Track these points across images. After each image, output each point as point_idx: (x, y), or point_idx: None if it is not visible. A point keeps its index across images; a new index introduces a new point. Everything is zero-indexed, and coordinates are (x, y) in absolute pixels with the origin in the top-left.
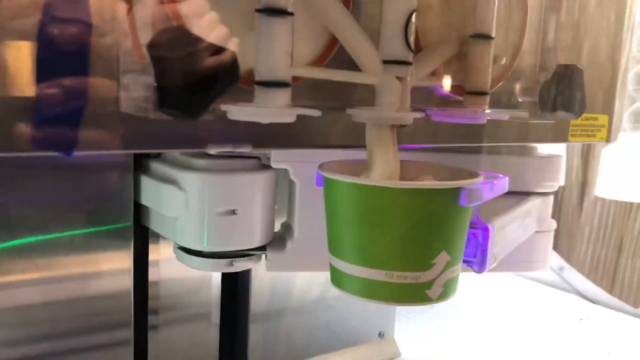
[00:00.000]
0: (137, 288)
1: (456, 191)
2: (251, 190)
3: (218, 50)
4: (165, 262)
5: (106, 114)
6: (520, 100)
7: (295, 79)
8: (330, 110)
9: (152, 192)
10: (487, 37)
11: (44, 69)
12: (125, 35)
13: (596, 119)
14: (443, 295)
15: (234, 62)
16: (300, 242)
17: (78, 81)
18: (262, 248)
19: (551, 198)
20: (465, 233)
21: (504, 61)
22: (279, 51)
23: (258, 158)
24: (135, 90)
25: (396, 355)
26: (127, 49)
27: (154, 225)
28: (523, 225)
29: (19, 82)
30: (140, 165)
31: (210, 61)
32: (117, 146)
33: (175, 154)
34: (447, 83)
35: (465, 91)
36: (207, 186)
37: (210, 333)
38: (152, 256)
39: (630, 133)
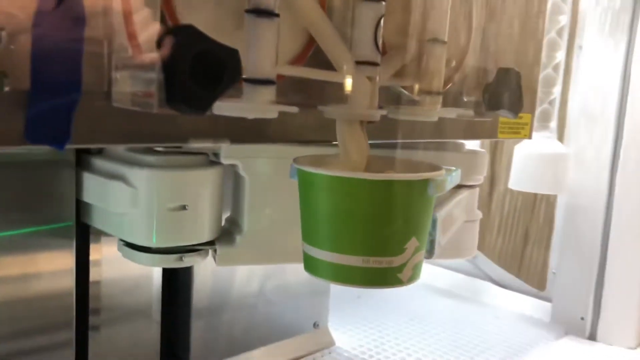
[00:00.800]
0: (78, 288)
1: (425, 182)
2: (201, 186)
3: (223, 48)
4: (107, 261)
5: (97, 109)
6: (465, 100)
7: (278, 76)
8: (302, 108)
9: (96, 189)
10: (441, 42)
11: (38, 63)
12: (118, 32)
13: (521, 117)
14: (412, 278)
15: (237, 59)
16: (249, 236)
17: (71, 75)
18: (211, 243)
19: (477, 190)
20: (430, 220)
21: (453, 64)
22: (266, 50)
23: (205, 154)
24: (133, 85)
25: (331, 344)
26: (121, 45)
27: (97, 222)
28: (459, 213)
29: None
30: (81, 162)
31: (217, 58)
32: (106, 140)
33: (120, 150)
34: (407, 83)
35: (422, 91)
36: (157, 182)
37: (152, 331)
38: (93, 256)
39: (538, 132)
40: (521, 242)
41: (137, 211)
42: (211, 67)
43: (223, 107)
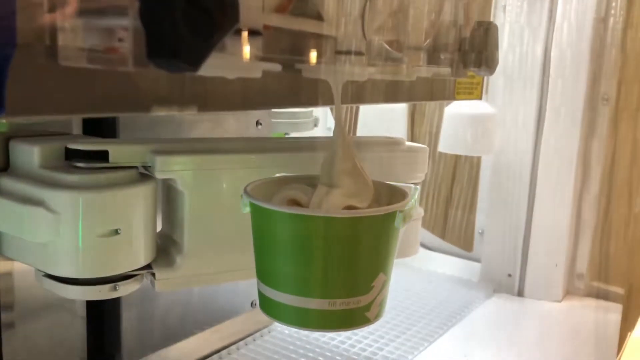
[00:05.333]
0: None
1: (393, 214)
2: (134, 206)
3: None
4: None
5: (39, 69)
6: (442, 57)
7: (264, 28)
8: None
9: (7, 215)
10: None
11: None
12: None
13: (474, 77)
14: (379, 315)
15: (233, 2)
16: (191, 256)
17: (2, 24)
18: (148, 266)
19: (419, 188)
20: (395, 251)
21: (433, 17)
22: None
23: (135, 168)
24: (89, 36)
25: (270, 322)
26: None
27: (10, 252)
28: None
29: None
30: None
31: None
32: (53, 109)
33: (34, 167)
34: (389, 38)
35: (403, 46)
36: (84, 206)
37: (76, 325)
38: None
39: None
40: (445, 206)
41: (61, 240)
42: (206, 9)
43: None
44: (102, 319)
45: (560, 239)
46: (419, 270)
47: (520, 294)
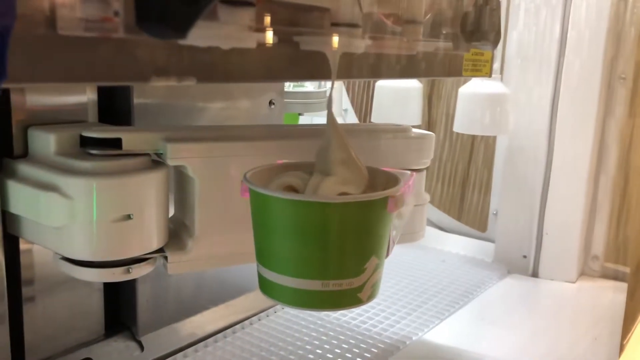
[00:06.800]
0: (7, 257)
1: (385, 200)
2: (146, 192)
3: None
4: None
5: (38, 38)
6: (443, 32)
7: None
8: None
9: (25, 200)
10: None
11: None
12: None
13: (482, 54)
14: (372, 296)
15: None
16: (201, 240)
17: None
18: (160, 250)
19: (424, 173)
20: (388, 234)
21: None
22: None
23: (148, 155)
24: (85, 6)
25: None
26: None
27: (29, 234)
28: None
29: None
30: (3, 167)
31: None
32: (52, 77)
33: (50, 154)
34: (388, 11)
35: (402, 20)
36: (97, 192)
37: (94, 298)
38: None
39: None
40: (461, 187)
41: (76, 224)
42: None
43: (194, 35)
44: (119, 293)
45: (576, 221)
46: (432, 250)
47: (534, 274)
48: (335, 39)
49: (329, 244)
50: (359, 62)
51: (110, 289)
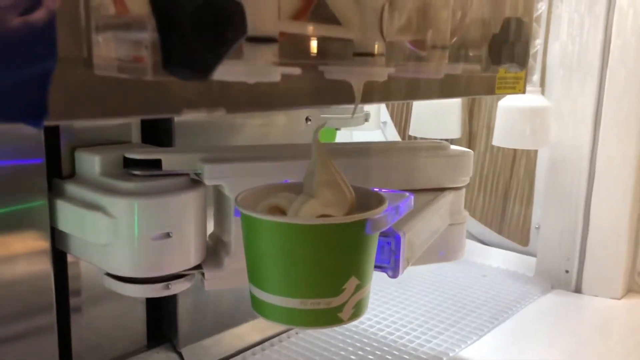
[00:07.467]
0: (56, 269)
1: (361, 222)
2: (185, 211)
3: (223, 1)
4: None
5: (77, 78)
6: (470, 54)
7: (279, 35)
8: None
9: (72, 218)
10: None
11: (4, 28)
12: None
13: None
14: (354, 315)
15: (242, 13)
16: (237, 257)
17: (44, 39)
18: (198, 266)
19: (463, 191)
20: (373, 255)
21: (459, 15)
22: (268, 4)
23: (187, 175)
24: (118, 48)
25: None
26: (102, 3)
27: (75, 251)
28: (437, 220)
29: None
30: (53, 187)
31: (220, 12)
32: (88, 114)
33: (96, 174)
34: (412, 37)
35: (428, 45)
36: (138, 211)
37: (137, 310)
38: None
39: None
40: (502, 200)
41: (119, 242)
42: (214, 23)
43: (221, 71)
44: (161, 305)
45: (620, 235)
46: (473, 264)
47: (577, 290)
48: (359, 69)
49: (303, 264)
50: (388, 85)
51: (152, 301)
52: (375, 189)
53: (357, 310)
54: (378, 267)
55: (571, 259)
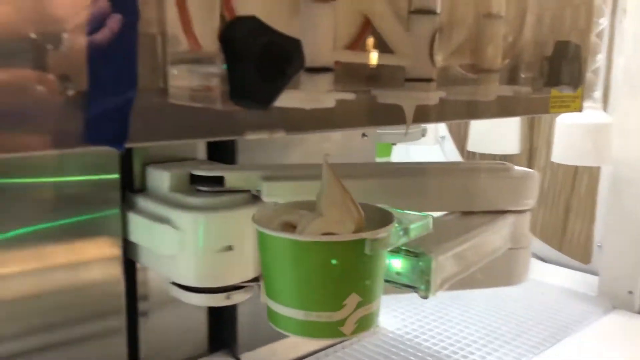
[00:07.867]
0: (126, 274)
1: (361, 241)
2: (245, 225)
3: (287, 39)
4: None
5: (154, 106)
6: (523, 76)
7: (334, 63)
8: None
9: (142, 230)
10: (497, 17)
11: (94, 63)
12: (172, 25)
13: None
14: (358, 330)
15: (301, 50)
16: None
17: (126, 73)
18: (256, 279)
19: (528, 214)
20: (379, 274)
21: (510, 39)
22: (324, 36)
23: (248, 191)
24: (191, 80)
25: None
26: (176, 38)
27: (144, 260)
28: (491, 244)
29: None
30: (125, 200)
31: (282, 50)
32: (161, 137)
33: (165, 189)
34: (464, 62)
35: (478, 69)
36: (204, 225)
37: (200, 316)
38: None
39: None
40: (563, 216)
41: (184, 253)
42: (276, 60)
43: (280, 99)
44: (222, 312)
45: None
46: (531, 281)
47: None
48: (410, 93)
49: (304, 278)
50: (443, 105)
51: (213, 309)
52: (388, 209)
53: (361, 325)
54: (410, 287)
55: (635, 278)
